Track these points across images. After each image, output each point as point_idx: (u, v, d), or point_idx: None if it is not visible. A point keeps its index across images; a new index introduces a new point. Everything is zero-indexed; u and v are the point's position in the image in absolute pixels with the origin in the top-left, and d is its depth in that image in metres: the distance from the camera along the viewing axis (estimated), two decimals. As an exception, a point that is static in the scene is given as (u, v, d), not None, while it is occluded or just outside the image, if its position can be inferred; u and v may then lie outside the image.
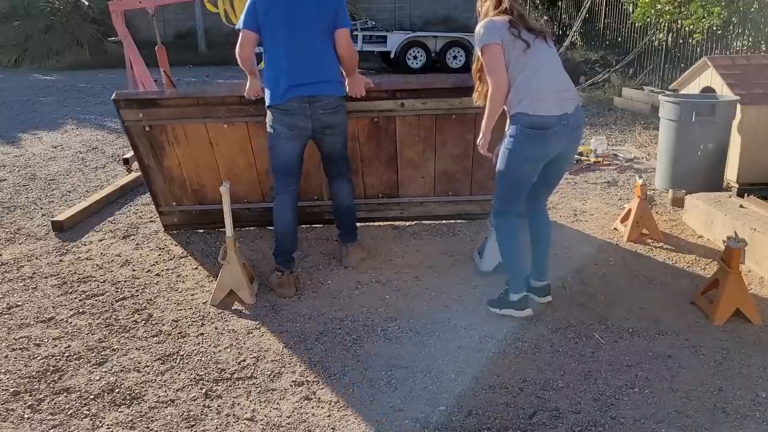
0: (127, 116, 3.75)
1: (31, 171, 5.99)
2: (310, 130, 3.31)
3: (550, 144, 2.76)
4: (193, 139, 3.84)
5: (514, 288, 3.01)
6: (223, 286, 3.26)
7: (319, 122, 3.29)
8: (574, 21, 12.82)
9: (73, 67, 14.68)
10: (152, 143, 3.85)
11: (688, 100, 4.74)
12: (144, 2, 5.81)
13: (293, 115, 3.25)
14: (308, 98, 3.22)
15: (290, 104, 3.22)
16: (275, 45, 3.25)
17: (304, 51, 3.24)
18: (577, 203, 4.76)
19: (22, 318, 3.17)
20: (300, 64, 3.22)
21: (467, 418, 2.35)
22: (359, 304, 3.24)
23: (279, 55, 3.24)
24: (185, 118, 3.75)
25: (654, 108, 7.73)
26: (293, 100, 3.22)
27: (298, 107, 3.23)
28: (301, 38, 3.23)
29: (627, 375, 2.60)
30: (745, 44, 7.89)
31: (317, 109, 3.26)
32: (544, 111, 2.71)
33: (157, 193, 4.07)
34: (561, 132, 2.75)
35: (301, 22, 3.22)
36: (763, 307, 3.10)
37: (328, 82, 3.29)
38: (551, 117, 2.71)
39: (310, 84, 3.23)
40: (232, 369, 2.70)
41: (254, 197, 4.12)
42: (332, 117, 3.33)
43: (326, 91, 3.27)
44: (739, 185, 4.52)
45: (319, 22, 3.23)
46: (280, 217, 3.41)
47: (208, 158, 3.92)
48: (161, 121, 3.76)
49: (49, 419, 2.39)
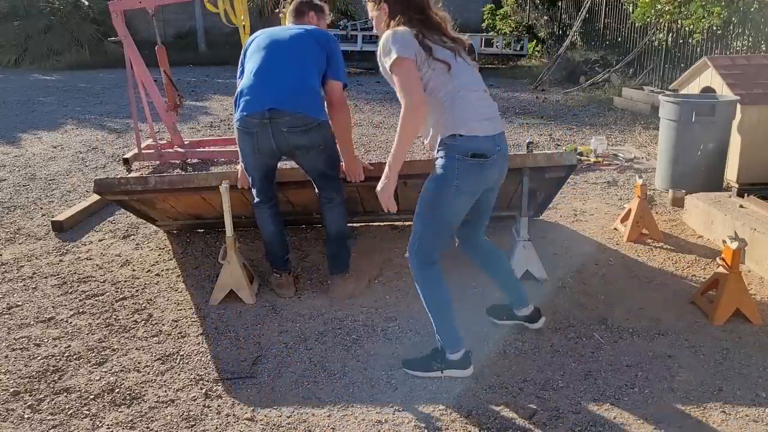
0: (112, 197, 3.62)
1: (31, 171, 5.99)
2: (275, 148, 3.03)
3: (488, 174, 2.46)
4: (184, 199, 3.67)
5: (451, 346, 2.58)
6: (223, 286, 3.26)
7: (284, 142, 3.00)
8: (574, 21, 12.83)
9: (73, 67, 14.68)
10: (142, 206, 3.75)
11: (688, 100, 4.74)
12: (144, 2, 5.80)
13: (252, 134, 2.99)
14: (269, 112, 2.93)
15: (249, 120, 2.97)
16: (249, 68, 3.07)
17: (276, 66, 3.03)
18: (577, 203, 4.76)
19: (22, 318, 3.17)
20: (267, 75, 3.00)
21: (467, 418, 2.35)
22: (359, 304, 3.24)
23: (246, 74, 3.06)
24: (171, 191, 3.50)
25: (654, 108, 7.73)
26: (253, 115, 2.96)
27: (258, 123, 2.96)
28: (277, 56, 3.05)
29: (627, 375, 2.60)
30: (745, 44, 7.89)
31: (279, 126, 2.95)
32: (481, 133, 2.41)
33: (152, 218, 4.04)
34: (499, 160, 2.48)
35: (282, 46, 3.08)
36: (763, 307, 3.10)
37: (299, 96, 2.99)
38: (488, 143, 2.42)
39: (275, 96, 2.95)
40: (232, 369, 2.70)
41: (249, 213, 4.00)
42: (301, 137, 2.99)
43: (293, 108, 2.94)
44: (739, 185, 4.52)
45: (302, 50, 3.06)
46: (264, 227, 3.28)
47: (203, 204, 3.78)
48: (148, 196, 3.54)
49: (49, 419, 2.39)
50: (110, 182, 3.48)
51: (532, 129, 7.72)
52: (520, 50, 15.18)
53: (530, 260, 3.40)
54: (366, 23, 15.08)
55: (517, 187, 3.57)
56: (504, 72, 14.49)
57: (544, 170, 3.40)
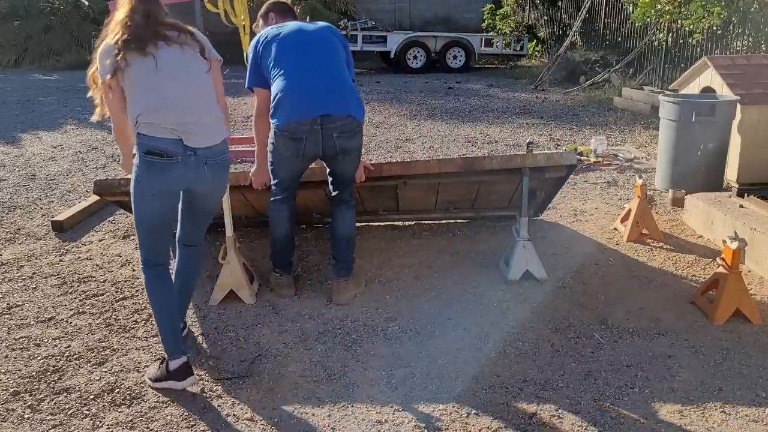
0: (112, 198, 3.62)
1: (31, 171, 5.99)
2: (320, 153, 3.02)
3: (171, 175, 2.42)
4: None
5: (168, 353, 2.50)
6: (223, 286, 3.26)
7: (331, 147, 2.97)
8: (574, 21, 12.83)
9: (73, 67, 14.66)
10: None
11: (688, 100, 4.74)
12: (144, 2, 5.78)
13: (300, 140, 2.94)
14: (321, 118, 2.92)
15: (298, 126, 2.92)
16: (282, 69, 2.98)
17: (317, 68, 2.98)
18: (577, 203, 4.76)
19: (22, 318, 3.17)
20: (312, 78, 2.95)
21: (467, 418, 2.35)
22: (359, 304, 3.24)
23: (285, 76, 2.97)
24: None
25: (654, 108, 7.73)
26: (304, 122, 2.91)
27: (308, 130, 2.92)
28: (314, 57, 3.01)
29: (627, 375, 2.60)
30: (745, 44, 7.89)
31: (330, 132, 2.93)
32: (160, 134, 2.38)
33: None
34: (187, 162, 2.42)
35: (315, 45, 3.04)
36: (763, 307, 3.10)
37: (347, 99, 2.99)
38: (170, 142, 2.38)
39: (326, 101, 2.93)
40: (232, 369, 2.70)
41: (250, 214, 3.99)
42: (349, 141, 3.00)
43: (342, 111, 2.95)
44: (739, 185, 4.52)
45: (333, 50, 3.06)
46: (277, 226, 3.24)
47: None
48: None
49: (49, 419, 2.39)
50: (110, 183, 3.48)
51: (532, 129, 7.73)
52: (520, 50, 15.20)
53: (530, 260, 3.40)
54: (366, 23, 15.10)
55: (517, 187, 3.57)
56: (504, 72, 14.52)
57: (544, 170, 3.40)
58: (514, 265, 3.39)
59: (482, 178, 3.57)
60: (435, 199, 3.92)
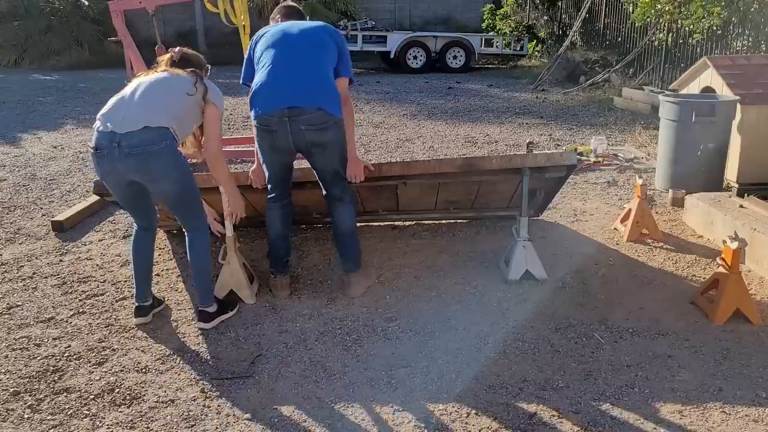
0: (112, 198, 3.49)
1: (31, 171, 5.99)
2: (293, 146, 3.05)
3: (101, 165, 2.86)
4: None
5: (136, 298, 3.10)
6: (223, 286, 3.26)
7: (301, 140, 3.00)
8: (574, 21, 12.83)
9: (73, 67, 14.70)
10: None
11: (688, 100, 4.74)
12: (144, 2, 5.80)
13: (271, 132, 3.00)
14: (288, 110, 2.93)
15: (268, 118, 2.97)
16: (263, 63, 3.05)
17: (294, 61, 3.02)
18: (577, 203, 4.76)
19: (22, 318, 3.17)
20: (285, 71, 2.99)
21: (467, 418, 2.35)
22: (359, 304, 3.24)
23: (262, 70, 3.04)
24: None
25: (654, 108, 7.73)
26: (272, 113, 2.96)
27: (276, 121, 2.96)
28: (294, 52, 3.04)
29: (627, 375, 2.60)
30: (745, 44, 7.89)
31: (298, 124, 2.95)
32: (96, 129, 2.87)
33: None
34: (112, 155, 2.79)
35: (297, 41, 3.07)
36: (763, 307, 3.10)
37: (318, 93, 2.99)
38: (101, 135, 2.84)
39: (294, 93, 2.95)
40: (232, 369, 2.70)
41: (250, 214, 3.97)
42: (319, 135, 3.00)
43: (311, 104, 2.95)
44: (739, 185, 4.52)
45: (318, 45, 3.06)
46: (271, 225, 3.28)
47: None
48: None
49: (49, 419, 2.39)
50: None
51: (532, 129, 7.72)
52: (520, 50, 15.19)
53: (530, 260, 3.40)
54: (366, 23, 15.10)
55: (517, 187, 3.57)
56: (504, 72, 14.51)
57: (544, 170, 3.40)
58: (514, 265, 3.39)
59: (482, 178, 3.57)
60: (435, 199, 3.93)
